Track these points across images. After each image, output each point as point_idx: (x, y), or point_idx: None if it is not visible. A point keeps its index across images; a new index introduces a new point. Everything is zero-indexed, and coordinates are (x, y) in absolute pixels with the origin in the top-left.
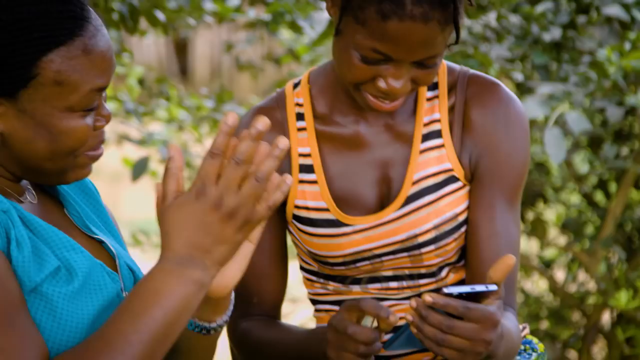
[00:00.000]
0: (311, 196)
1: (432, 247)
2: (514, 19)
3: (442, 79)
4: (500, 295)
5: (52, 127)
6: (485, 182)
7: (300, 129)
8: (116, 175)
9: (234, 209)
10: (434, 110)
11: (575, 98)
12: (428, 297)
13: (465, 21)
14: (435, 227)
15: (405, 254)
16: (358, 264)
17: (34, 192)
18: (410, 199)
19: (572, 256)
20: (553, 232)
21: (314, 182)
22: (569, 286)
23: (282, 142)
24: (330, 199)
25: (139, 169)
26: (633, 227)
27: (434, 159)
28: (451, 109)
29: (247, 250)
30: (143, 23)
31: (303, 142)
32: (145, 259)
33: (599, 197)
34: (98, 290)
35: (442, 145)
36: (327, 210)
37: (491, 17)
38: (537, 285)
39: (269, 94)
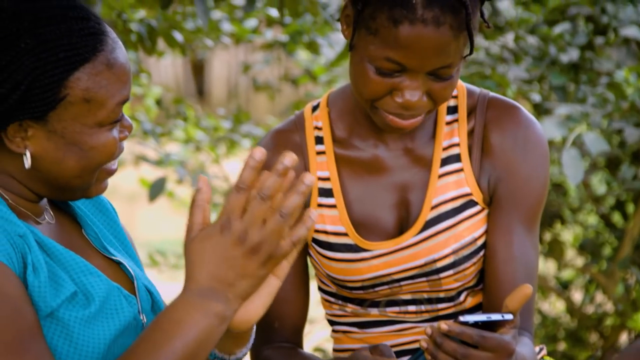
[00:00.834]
0: (330, 220)
1: (450, 271)
2: (532, 40)
3: (462, 102)
4: (516, 324)
5: (82, 144)
6: (503, 206)
7: (319, 153)
8: (133, 195)
9: (258, 243)
10: (453, 134)
11: (592, 119)
12: (444, 325)
13: (482, 42)
14: (454, 252)
15: (423, 278)
16: (377, 289)
17: (51, 212)
18: (429, 224)
19: (590, 277)
20: (570, 253)
21: (333, 206)
22: (587, 307)
23: (308, 178)
24: (349, 224)
25: (156, 189)
26: None
27: (452, 183)
28: (470, 133)
29: (272, 286)
30: (161, 44)
31: (322, 166)
32: (161, 280)
33: (617, 218)
34: (115, 314)
35: (461, 170)
36: (345, 235)
37: (509, 38)
38: (554, 306)
39: (286, 114)
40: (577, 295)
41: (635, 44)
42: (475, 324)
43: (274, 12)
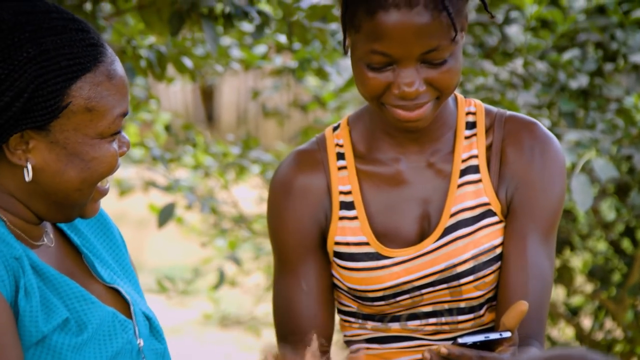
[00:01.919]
0: (351, 232)
1: (470, 277)
2: (541, 66)
3: (480, 119)
4: (514, 341)
5: (84, 154)
6: (519, 215)
7: (340, 168)
8: (142, 221)
9: None
10: (471, 147)
11: (602, 145)
12: (443, 349)
13: (491, 68)
14: (474, 257)
15: (444, 285)
16: (398, 298)
17: (52, 235)
18: (448, 230)
19: (599, 304)
20: (580, 280)
21: (355, 218)
22: (596, 334)
23: None
24: (370, 233)
25: (165, 215)
26: None
27: (471, 193)
28: (489, 147)
29: None
30: (170, 70)
31: (344, 181)
32: (170, 306)
33: (626, 244)
34: (107, 340)
35: (479, 180)
36: (367, 244)
37: (518, 64)
38: (563, 332)
39: (295, 140)
40: (587, 322)
41: None
42: (474, 345)
43: (283, 39)
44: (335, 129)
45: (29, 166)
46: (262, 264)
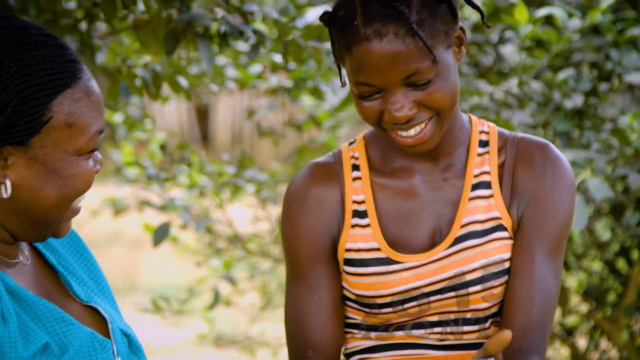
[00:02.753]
0: (362, 239)
1: (479, 287)
2: (536, 86)
3: (493, 138)
4: None
5: (63, 171)
6: (528, 229)
7: (355, 179)
8: (137, 241)
9: None
10: (484, 164)
11: (597, 165)
12: None
13: (486, 88)
14: (483, 267)
15: (452, 293)
16: (406, 305)
17: (27, 253)
18: (459, 240)
19: (594, 324)
20: (575, 300)
21: (367, 225)
22: (591, 354)
23: None
24: (382, 239)
25: (160, 234)
26: None
27: (482, 207)
28: (501, 165)
29: None
30: (165, 89)
31: (357, 190)
32: (165, 325)
33: (621, 264)
34: None
35: (491, 196)
36: (378, 249)
37: (513, 84)
38: (558, 352)
39: (290, 160)
40: (582, 342)
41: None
42: None
43: (278, 58)
44: (351, 143)
45: (8, 182)
46: (257, 283)
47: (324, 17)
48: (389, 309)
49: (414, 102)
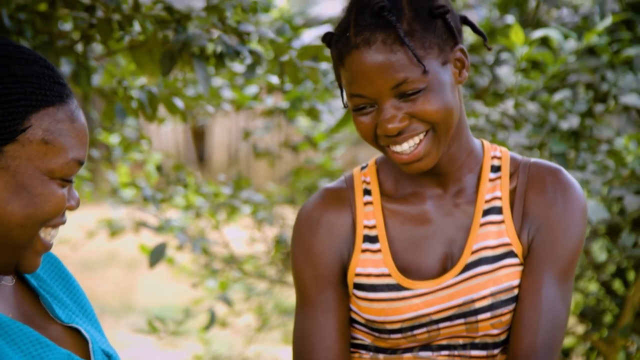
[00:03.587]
0: (373, 264)
1: (488, 314)
2: (532, 107)
3: (505, 164)
4: None
5: (32, 188)
6: (537, 254)
7: (366, 203)
8: (133, 262)
9: None
10: (495, 189)
11: (593, 186)
12: None
13: (482, 109)
14: (492, 295)
15: (461, 320)
16: (415, 331)
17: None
18: (469, 267)
19: (591, 345)
20: (571, 321)
21: (378, 250)
22: None
23: None
24: (392, 265)
25: (156, 255)
26: None
27: (493, 233)
28: (513, 191)
29: None
30: (162, 110)
31: (369, 215)
32: (161, 347)
33: (617, 285)
34: None
35: (502, 222)
36: (389, 275)
37: (509, 105)
38: None
39: (286, 181)
40: None
41: (635, 112)
42: None
43: (274, 79)
44: (363, 168)
45: None
46: (253, 304)
47: (326, 37)
48: (399, 335)
49: (406, 114)
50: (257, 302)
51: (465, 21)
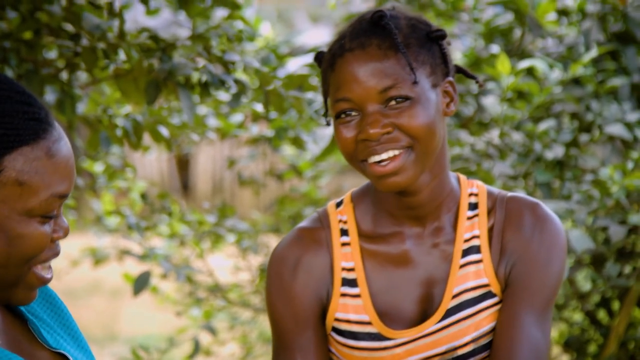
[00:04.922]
0: (353, 309)
1: None
2: (517, 137)
3: (482, 200)
4: None
5: (9, 230)
6: (515, 288)
7: (344, 244)
8: (117, 290)
9: None
10: (474, 227)
11: (577, 216)
12: None
13: (468, 138)
14: (474, 341)
15: None
16: None
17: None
18: (450, 312)
19: None
20: (556, 350)
21: (357, 295)
22: None
23: None
24: (373, 313)
25: (140, 283)
26: (636, 346)
27: (472, 274)
28: (490, 229)
29: None
30: (146, 139)
31: (347, 257)
32: None
33: (602, 315)
34: None
35: (480, 261)
36: (369, 323)
37: (494, 135)
38: None
39: (271, 209)
40: None
41: (620, 142)
42: None
43: (259, 108)
44: (338, 204)
45: None
46: (238, 333)
47: (318, 56)
48: None
49: (390, 123)
50: (241, 331)
51: (459, 70)
